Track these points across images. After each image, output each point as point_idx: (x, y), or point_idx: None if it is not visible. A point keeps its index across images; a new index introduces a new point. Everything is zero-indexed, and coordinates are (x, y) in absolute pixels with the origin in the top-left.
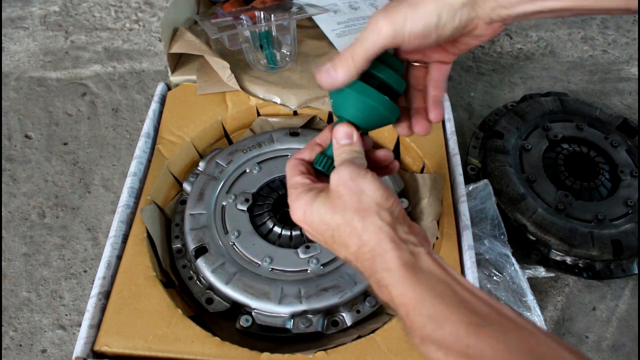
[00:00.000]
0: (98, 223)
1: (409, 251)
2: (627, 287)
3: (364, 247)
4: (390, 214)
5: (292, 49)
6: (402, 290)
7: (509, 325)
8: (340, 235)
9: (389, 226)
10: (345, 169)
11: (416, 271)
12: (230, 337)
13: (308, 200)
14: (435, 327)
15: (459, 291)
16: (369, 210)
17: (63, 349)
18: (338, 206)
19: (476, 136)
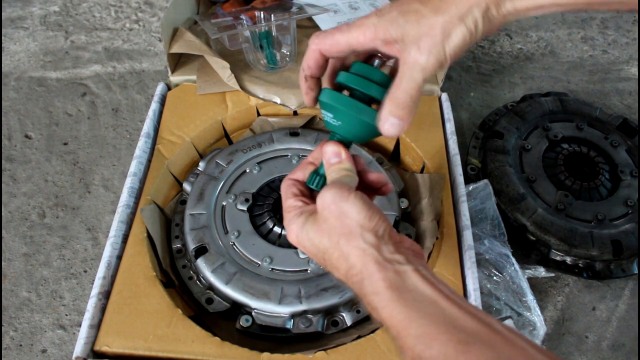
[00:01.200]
0: (98, 223)
1: (394, 271)
2: (627, 287)
3: (352, 270)
4: (375, 235)
5: (292, 49)
6: (390, 312)
7: (499, 341)
8: (329, 258)
9: (373, 248)
10: (329, 192)
11: (402, 292)
12: (230, 337)
13: (299, 223)
14: (425, 347)
15: (447, 308)
16: (352, 233)
17: (63, 349)
18: (324, 230)
19: (476, 136)
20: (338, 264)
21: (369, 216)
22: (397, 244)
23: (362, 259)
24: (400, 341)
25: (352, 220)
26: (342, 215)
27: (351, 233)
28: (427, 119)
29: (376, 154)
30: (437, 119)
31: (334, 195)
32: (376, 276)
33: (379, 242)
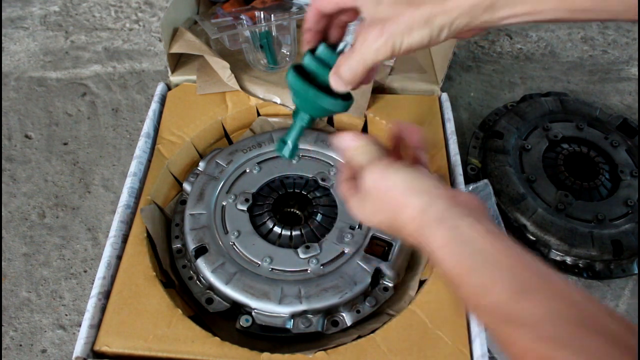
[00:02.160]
0: (98, 223)
1: (450, 227)
2: (627, 287)
3: (411, 237)
4: (420, 198)
5: (292, 49)
6: (451, 265)
7: (553, 293)
8: (394, 229)
9: (421, 212)
10: (367, 175)
11: (459, 246)
12: (230, 337)
13: (358, 204)
14: (482, 296)
15: (503, 260)
16: (400, 205)
17: (63, 349)
18: (377, 206)
19: (476, 136)
20: (403, 233)
21: (415, 178)
22: (451, 199)
23: (413, 226)
24: (461, 291)
25: (398, 191)
26: (389, 190)
27: (399, 205)
28: (427, 119)
29: None
30: (437, 119)
31: (382, 171)
32: (435, 234)
33: (432, 200)
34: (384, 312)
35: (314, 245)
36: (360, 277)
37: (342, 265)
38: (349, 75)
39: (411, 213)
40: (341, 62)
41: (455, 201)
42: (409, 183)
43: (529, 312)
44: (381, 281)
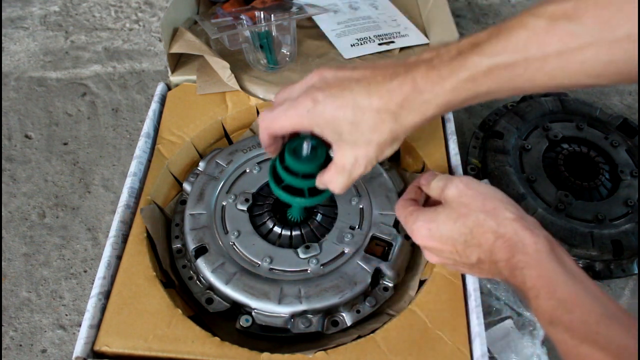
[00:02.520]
0: (98, 223)
1: (545, 237)
2: (627, 287)
3: (500, 239)
4: (515, 207)
5: (292, 49)
6: (537, 273)
7: (636, 326)
8: (473, 237)
9: (520, 218)
10: (459, 182)
11: (552, 257)
12: (230, 337)
13: (429, 218)
14: (565, 311)
15: (590, 284)
16: (497, 208)
17: (63, 349)
18: (463, 214)
19: (476, 136)
20: (483, 240)
21: (502, 193)
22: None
23: (513, 226)
24: (538, 303)
25: (493, 198)
26: (482, 196)
27: (495, 208)
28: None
29: None
30: (437, 119)
31: (468, 181)
32: (528, 240)
33: (521, 213)
34: (384, 312)
35: (314, 245)
36: (360, 277)
37: (342, 265)
38: (336, 192)
39: (511, 215)
40: (327, 181)
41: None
42: (502, 194)
43: (617, 337)
44: (381, 281)
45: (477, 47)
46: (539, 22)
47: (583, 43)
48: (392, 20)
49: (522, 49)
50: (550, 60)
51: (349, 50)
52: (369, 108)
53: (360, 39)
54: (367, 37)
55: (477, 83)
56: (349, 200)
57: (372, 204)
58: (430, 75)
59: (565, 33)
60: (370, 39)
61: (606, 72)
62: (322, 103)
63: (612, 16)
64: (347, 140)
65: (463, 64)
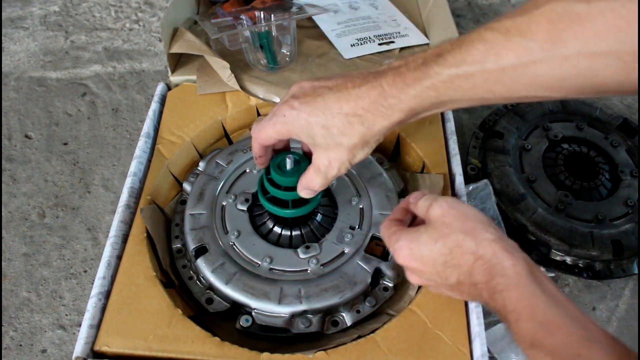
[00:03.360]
0: (98, 223)
1: (523, 259)
2: (627, 287)
3: (479, 261)
4: (495, 228)
5: (292, 49)
6: (517, 295)
7: (618, 347)
8: (453, 257)
9: (499, 239)
10: (445, 201)
11: (531, 279)
12: (230, 337)
13: (411, 238)
14: (547, 334)
15: (568, 305)
16: (477, 228)
17: (63, 349)
18: (444, 234)
19: (476, 136)
20: (462, 261)
21: (484, 215)
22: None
23: (492, 247)
24: (518, 326)
25: (474, 219)
26: (464, 216)
27: (475, 229)
28: (427, 119)
29: (376, 154)
30: (437, 119)
31: (452, 202)
32: (507, 262)
33: (501, 235)
34: (384, 312)
35: (314, 245)
36: (360, 277)
37: (342, 265)
38: (315, 190)
39: (491, 236)
40: (306, 182)
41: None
42: (484, 216)
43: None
44: (381, 281)
45: (440, 57)
46: (496, 37)
47: (536, 58)
48: (392, 20)
49: (480, 61)
50: (507, 73)
51: (349, 50)
52: (338, 112)
53: (360, 39)
54: (367, 37)
55: (439, 91)
56: (349, 200)
57: (372, 204)
58: (396, 81)
59: (519, 48)
60: (370, 39)
61: (561, 86)
62: (297, 109)
63: (562, 33)
64: (320, 144)
65: (426, 72)
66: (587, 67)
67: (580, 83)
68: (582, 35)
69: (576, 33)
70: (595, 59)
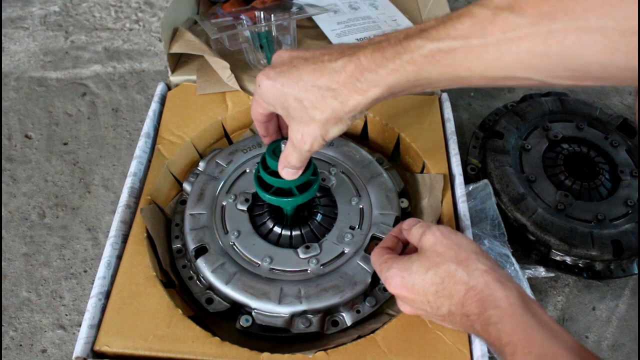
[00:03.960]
0: (98, 223)
1: (517, 289)
2: (627, 287)
3: (471, 292)
4: (488, 259)
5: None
6: (511, 328)
7: None
8: (445, 287)
9: (492, 270)
10: (438, 230)
11: (525, 311)
12: (230, 337)
13: (402, 266)
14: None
15: (564, 336)
16: (469, 259)
17: (63, 349)
18: (436, 263)
19: (476, 136)
20: (454, 291)
21: (477, 244)
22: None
23: (484, 278)
24: (515, 359)
25: (467, 249)
26: (456, 246)
27: (468, 259)
28: (427, 119)
29: (376, 154)
30: (437, 119)
31: (445, 231)
32: (500, 293)
33: (494, 265)
34: (384, 312)
35: (314, 245)
36: (360, 277)
37: (342, 265)
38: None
39: (483, 266)
40: (284, 158)
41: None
42: (478, 246)
43: None
44: (381, 281)
45: (423, 32)
46: (483, 12)
47: (521, 34)
48: (392, 20)
49: (464, 36)
50: (489, 49)
51: None
52: (311, 84)
53: (360, 39)
54: (367, 37)
55: (418, 66)
56: (349, 200)
57: (372, 204)
58: (375, 56)
59: (506, 23)
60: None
61: (541, 65)
62: (272, 79)
63: (552, 8)
64: (294, 116)
65: (407, 46)
66: (571, 44)
67: (562, 62)
68: (572, 10)
69: (566, 8)
70: (582, 34)
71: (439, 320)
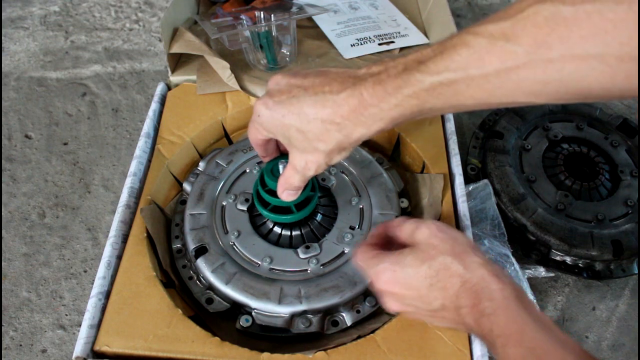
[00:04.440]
0: (98, 223)
1: (511, 284)
2: (627, 287)
3: (467, 284)
4: (483, 254)
5: (292, 49)
6: (505, 320)
7: None
8: (439, 280)
9: (487, 263)
10: (433, 224)
11: (519, 304)
12: (230, 337)
13: (394, 260)
14: (535, 359)
15: (556, 330)
16: (466, 252)
17: (63, 349)
18: (434, 255)
19: (476, 136)
20: (449, 284)
21: (471, 240)
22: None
23: (480, 271)
24: (506, 351)
25: (463, 243)
26: (452, 239)
27: (464, 252)
28: (427, 119)
29: (376, 154)
30: (437, 119)
31: (440, 225)
32: (495, 286)
33: (489, 260)
34: (384, 312)
35: (314, 245)
36: (360, 277)
37: (342, 265)
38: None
39: (479, 260)
40: (285, 181)
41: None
42: (472, 241)
43: None
44: None
45: (422, 64)
46: (479, 41)
47: (520, 63)
48: (392, 20)
49: (463, 67)
50: (490, 78)
51: (349, 50)
52: (314, 117)
53: (360, 39)
54: (367, 37)
55: (421, 99)
56: (349, 200)
57: (372, 204)
58: (376, 90)
59: (503, 52)
60: (370, 39)
61: (544, 91)
62: (271, 109)
63: (547, 37)
64: (296, 146)
65: (407, 80)
66: (571, 71)
67: (563, 88)
68: (567, 39)
69: (562, 37)
70: (580, 62)
71: (428, 316)
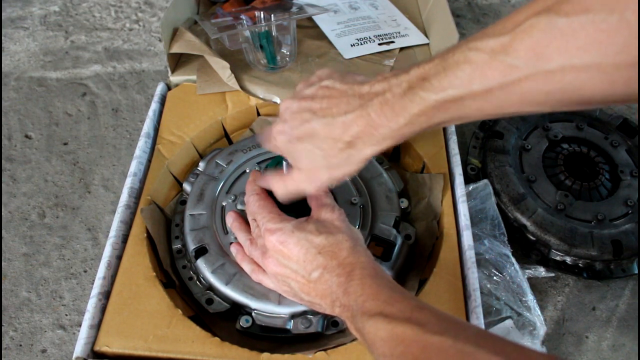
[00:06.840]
0: (98, 223)
1: (379, 266)
2: (627, 287)
3: (350, 257)
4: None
5: (292, 49)
6: (369, 283)
7: (443, 314)
8: (330, 250)
9: (373, 259)
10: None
11: (382, 275)
12: (230, 337)
13: (296, 224)
14: (387, 306)
15: (407, 293)
16: (359, 239)
17: (63, 349)
18: (334, 232)
19: (476, 136)
20: (338, 254)
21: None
22: None
23: (365, 254)
24: (365, 306)
25: (358, 236)
26: (350, 230)
27: (358, 239)
28: None
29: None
30: None
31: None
32: (370, 264)
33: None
34: None
35: None
36: None
37: None
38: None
39: (368, 253)
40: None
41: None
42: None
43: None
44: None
45: (425, 82)
46: (481, 57)
47: (522, 75)
48: (392, 20)
49: (467, 83)
50: (494, 92)
51: (349, 50)
52: (326, 137)
53: (360, 39)
54: (367, 37)
55: (429, 116)
56: (349, 200)
57: (372, 204)
58: (384, 110)
59: (504, 67)
60: (370, 39)
61: (547, 101)
62: (288, 135)
63: (545, 49)
64: (305, 165)
65: (413, 99)
66: (571, 81)
67: (566, 97)
68: (565, 50)
69: (559, 48)
70: (579, 72)
71: (300, 284)
